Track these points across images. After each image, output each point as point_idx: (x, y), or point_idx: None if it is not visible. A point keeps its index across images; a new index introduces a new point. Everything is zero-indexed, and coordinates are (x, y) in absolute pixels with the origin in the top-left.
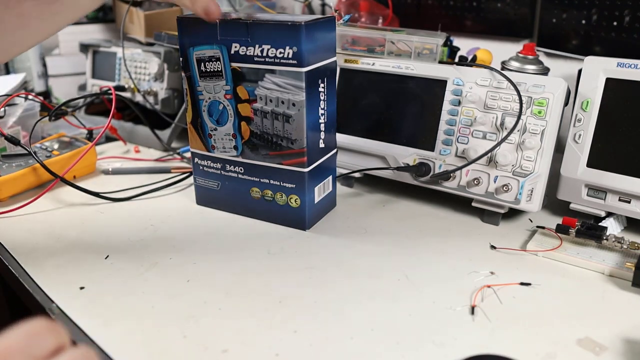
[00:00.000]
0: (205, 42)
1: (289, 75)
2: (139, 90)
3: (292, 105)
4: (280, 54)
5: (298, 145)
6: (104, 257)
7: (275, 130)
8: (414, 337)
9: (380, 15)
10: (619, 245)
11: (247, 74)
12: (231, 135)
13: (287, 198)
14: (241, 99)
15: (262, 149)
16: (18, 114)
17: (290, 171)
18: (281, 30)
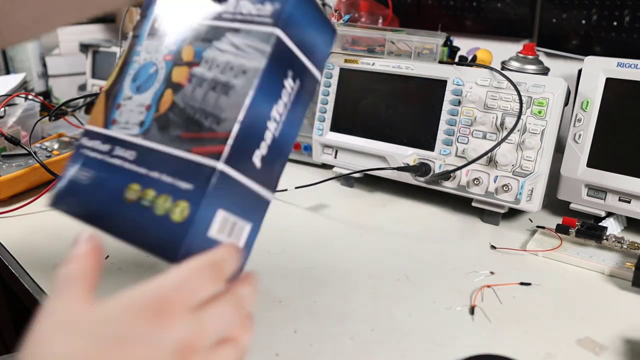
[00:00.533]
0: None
1: (255, 36)
2: None
3: (241, 73)
4: (256, 10)
5: (224, 127)
6: (104, 257)
7: (204, 104)
8: (414, 337)
9: (380, 15)
10: (619, 245)
11: (205, 32)
12: (145, 106)
13: (172, 205)
14: (182, 61)
15: (175, 127)
16: (18, 114)
17: (194, 163)
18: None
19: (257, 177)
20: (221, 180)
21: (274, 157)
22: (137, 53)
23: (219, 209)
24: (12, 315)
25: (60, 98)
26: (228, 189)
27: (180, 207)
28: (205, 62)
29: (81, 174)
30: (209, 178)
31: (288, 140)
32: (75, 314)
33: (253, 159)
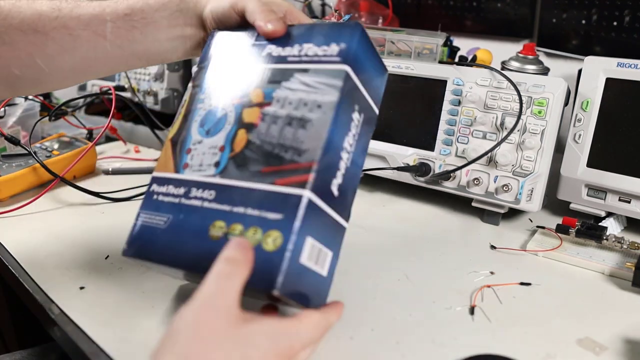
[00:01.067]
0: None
1: (325, 73)
2: (139, 90)
3: (316, 108)
4: (322, 51)
5: (307, 157)
6: (104, 257)
7: (281, 139)
8: (414, 337)
9: (380, 15)
10: (619, 245)
11: (272, 75)
12: (218, 148)
13: (263, 236)
14: (251, 103)
15: (254, 164)
16: (18, 114)
17: (281, 194)
18: (331, 28)
19: (336, 205)
20: (309, 207)
21: (348, 185)
22: (201, 101)
23: (307, 237)
24: (12, 315)
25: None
26: (314, 217)
27: (272, 237)
28: (277, 102)
29: (157, 220)
30: (297, 206)
31: (357, 170)
32: (230, 329)
33: (332, 188)
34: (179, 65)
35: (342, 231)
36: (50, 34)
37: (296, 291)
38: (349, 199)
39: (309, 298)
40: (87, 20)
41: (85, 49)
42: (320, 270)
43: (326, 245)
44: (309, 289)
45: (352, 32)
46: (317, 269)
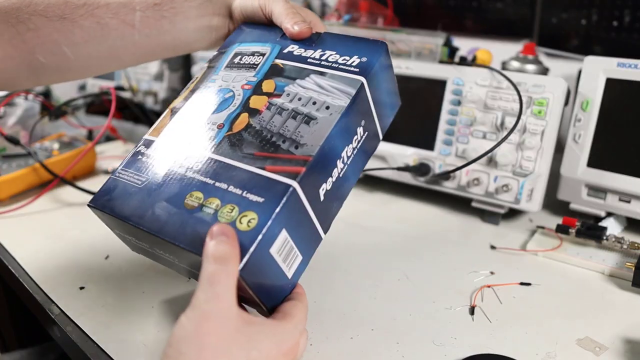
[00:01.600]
0: (260, 40)
1: (341, 80)
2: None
3: (324, 108)
4: (343, 60)
5: (304, 151)
6: (104, 257)
7: (283, 129)
8: (414, 337)
9: (380, 15)
10: (619, 245)
11: (288, 70)
12: (217, 125)
13: (239, 215)
14: (261, 91)
15: (248, 146)
16: (18, 114)
17: (269, 180)
18: (358, 41)
19: (318, 210)
20: (293, 199)
21: (334, 196)
22: (213, 80)
23: (283, 228)
24: (12, 315)
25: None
26: (295, 212)
27: (247, 217)
28: (287, 95)
29: (135, 179)
30: (283, 194)
31: (347, 185)
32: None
33: (319, 191)
34: (179, 65)
35: (318, 240)
36: (78, 21)
37: (258, 282)
38: (332, 211)
39: (268, 295)
40: (115, 9)
41: (113, 38)
42: (287, 270)
43: (298, 247)
44: (271, 286)
45: (376, 49)
46: (283, 267)
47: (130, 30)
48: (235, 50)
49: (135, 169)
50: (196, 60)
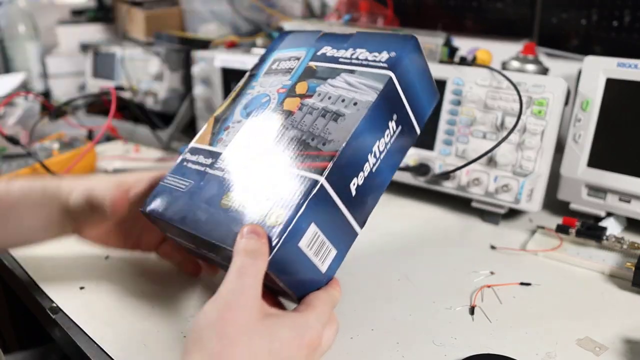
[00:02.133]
0: (296, 45)
1: (369, 76)
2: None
3: (352, 105)
4: (372, 57)
5: (330, 147)
6: (104, 257)
7: (312, 127)
8: (414, 337)
9: (380, 15)
10: (619, 245)
11: (320, 72)
12: None
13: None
14: (295, 93)
15: None
16: (18, 114)
17: (297, 176)
18: (388, 36)
19: (350, 204)
20: (320, 194)
21: (368, 190)
22: (252, 87)
23: (312, 222)
24: (12, 315)
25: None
26: (324, 206)
27: (275, 214)
28: (318, 95)
29: (180, 183)
30: (311, 189)
31: (383, 180)
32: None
33: (350, 186)
34: (179, 65)
35: (353, 234)
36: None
37: (289, 275)
38: (367, 205)
39: (303, 288)
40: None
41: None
42: (319, 264)
43: (331, 241)
44: (303, 279)
45: (404, 43)
46: (315, 261)
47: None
48: (274, 57)
49: (180, 174)
50: (196, 60)
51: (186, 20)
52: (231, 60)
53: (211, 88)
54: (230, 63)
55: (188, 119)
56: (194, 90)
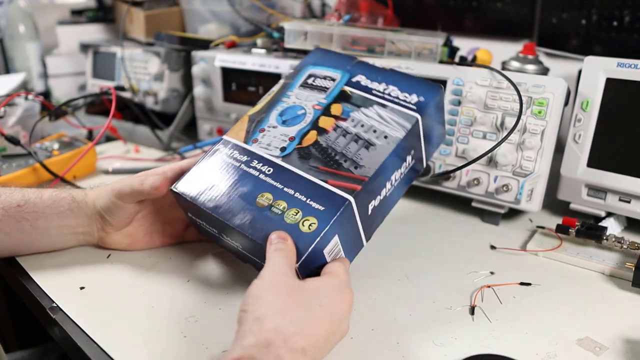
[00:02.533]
0: (332, 65)
1: (399, 114)
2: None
3: (383, 137)
4: (404, 97)
5: (362, 172)
6: (105, 256)
7: (346, 149)
8: (414, 337)
9: (380, 15)
10: (619, 245)
11: (355, 98)
12: (289, 137)
13: (302, 218)
14: (330, 113)
15: (314, 160)
16: (18, 114)
17: (330, 192)
18: (419, 82)
19: (365, 222)
20: (347, 211)
21: (380, 211)
22: (288, 96)
23: (336, 234)
24: (12, 315)
25: (60, 98)
26: (347, 221)
27: (309, 221)
28: (352, 120)
29: (214, 173)
30: (341, 206)
31: (391, 204)
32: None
33: (369, 206)
34: (179, 65)
35: (360, 246)
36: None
37: (309, 271)
38: (376, 223)
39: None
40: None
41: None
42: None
43: (345, 250)
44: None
45: (433, 91)
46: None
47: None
48: (309, 71)
49: (214, 163)
50: (196, 60)
51: (186, 20)
52: (231, 60)
53: (211, 88)
54: (230, 63)
55: (188, 119)
56: (194, 90)
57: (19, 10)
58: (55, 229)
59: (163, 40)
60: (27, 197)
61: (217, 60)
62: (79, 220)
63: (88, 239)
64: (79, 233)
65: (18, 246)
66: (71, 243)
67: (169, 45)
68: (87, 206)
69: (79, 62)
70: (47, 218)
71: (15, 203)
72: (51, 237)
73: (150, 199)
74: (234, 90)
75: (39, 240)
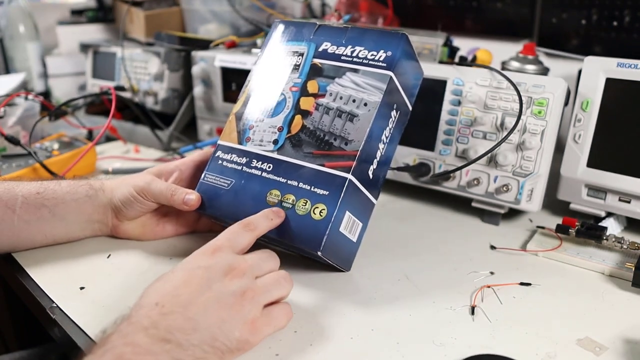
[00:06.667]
0: (296, 39)
1: (372, 76)
2: (139, 90)
3: (363, 105)
4: (371, 56)
5: (352, 146)
6: (106, 256)
7: (332, 127)
8: (414, 337)
9: (380, 15)
10: (619, 245)
11: (327, 70)
12: (277, 128)
13: (312, 207)
14: (307, 92)
15: (307, 146)
16: (18, 114)
17: (330, 175)
18: (381, 35)
19: (369, 186)
20: (350, 188)
21: (380, 170)
22: (262, 83)
23: (346, 211)
24: (12, 315)
25: (60, 98)
26: (353, 195)
27: (319, 209)
28: (330, 95)
29: (221, 182)
30: (342, 186)
31: (389, 156)
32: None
33: (368, 173)
34: (179, 65)
35: (372, 206)
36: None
37: (333, 253)
38: (380, 181)
39: (342, 258)
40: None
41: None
42: (352, 237)
43: (358, 218)
44: (343, 251)
45: (397, 42)
46: (350, 236)
47: (10, 214)
48: (274, 50)
49: (219, 172)
50: (196, 60)
51: (186, 20)
52: (231, 60)
53: (211, 88)
54: (230, 63)
55: (188, 119)
56: (194, 90)
57: (19, 10)
58: (73, 215)
59: (163, 40)
60: (46, 185)
61: (217, 60)
62: (95, 208)
63: (102, 228)
64: (95, 221)
65: (35, 234)
66: (87, 232)
67: (169, 45)
68: (105, 195)
69: (79, 62)
70: (66, 204)
71: (35, 190)
72: (68, 225)
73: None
74: (234, 90)
75: (57, 228)
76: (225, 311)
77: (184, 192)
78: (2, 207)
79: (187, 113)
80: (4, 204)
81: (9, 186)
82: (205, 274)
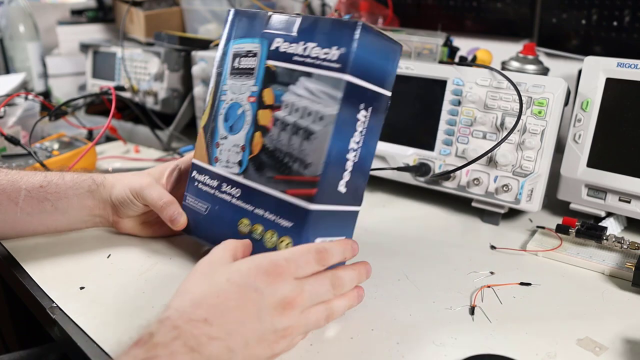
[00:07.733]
0: (249, 34)
1: (326, 82)
2: (139, 90)
3: (318, 119)
4: (324, 54)
5: (311, 171)
6: (106, 256)
7: (290, 147)
8: (414, 337)
9: (380, 15)
10: (619, 245)
11: (281, 74)
12: (240, 147)
13: (278, 241)
14: (264, 104)
15: (269, 169)
16: (18, 114)
17: (290, 204)
18: (333, 26)
19: (344, 200)
20: (314, 217)
21: (357, 178)
22: (224, 92)
23: (316, 238)
24: (12, 315)
25: (60, 98)
26: (322, 221)
27: (285, 242)
28: (285, 107)
29: (199, 206)
30: (305, 218)
31: (367, 158)
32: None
33: (338, 189)
34: (179, 65)
35: (354, 215)
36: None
37: None
38: (359, 189)
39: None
40: (4, 185)
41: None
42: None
43: (337, 235)
44: None
45: (351, 34)
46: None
47: (13, 207)
48: (233, 51)
49: (196, 194)
50: (196, 60)
51: (186, 20)
52: None
53: None
54: None
55: (188, 119)
56: (194, 90)
57: (19, 10)
58: (75, 209)
59: (163, 40)
60: (50, 179)
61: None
62: (96, 203)
63: (104, 221)
64: (96, 215)
65: (37, 225)
66: (88, 224)
67: (168, 45)
68: (105, 190)
69: (79, 62)
70: (69, 199)
71: (38, 184)
72: (70, 218)
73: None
74: None
75: (59, 220)
76: (261, 349)
77: (174, 211)
78: (5, 200)
79: (187, 113)
80: (7, 197)
81: (12, 178)
82: (258, 301)
